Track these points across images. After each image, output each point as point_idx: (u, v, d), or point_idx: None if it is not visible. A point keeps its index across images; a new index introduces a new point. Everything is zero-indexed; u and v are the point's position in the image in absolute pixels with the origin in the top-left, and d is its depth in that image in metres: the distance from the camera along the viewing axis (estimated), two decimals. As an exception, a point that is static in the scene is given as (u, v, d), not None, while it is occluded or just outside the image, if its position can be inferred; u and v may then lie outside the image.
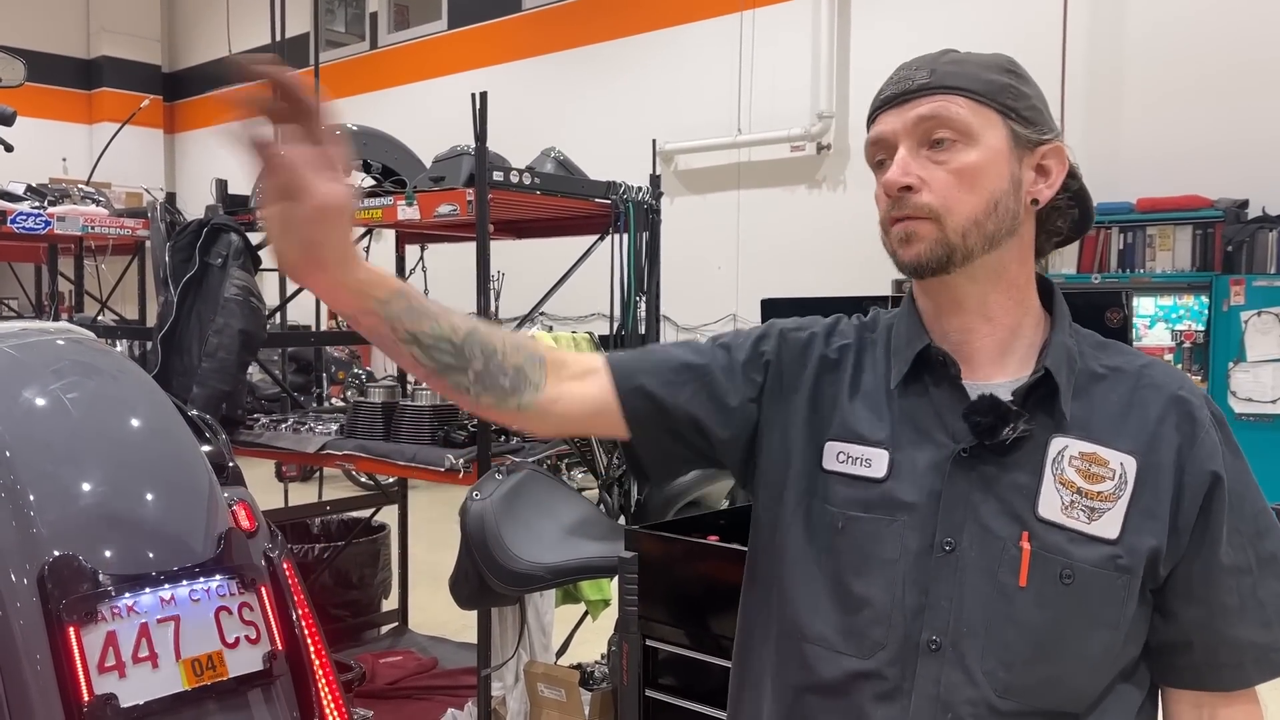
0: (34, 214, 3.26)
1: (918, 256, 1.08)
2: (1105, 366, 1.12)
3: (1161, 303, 5.63)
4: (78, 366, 1.14)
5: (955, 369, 1.11)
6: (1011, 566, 1.05)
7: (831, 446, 1.14)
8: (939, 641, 1.05)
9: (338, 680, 1.15)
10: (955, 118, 1.07)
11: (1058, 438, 1.08)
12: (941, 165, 1.07)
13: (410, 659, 3.43)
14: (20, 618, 0.95)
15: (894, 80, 1.12)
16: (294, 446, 3.01)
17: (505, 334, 1.14)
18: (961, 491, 1.07)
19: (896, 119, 1.09)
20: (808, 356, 1.20)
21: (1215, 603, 1.08)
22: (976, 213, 1.07)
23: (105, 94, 11.70)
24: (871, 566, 1.09)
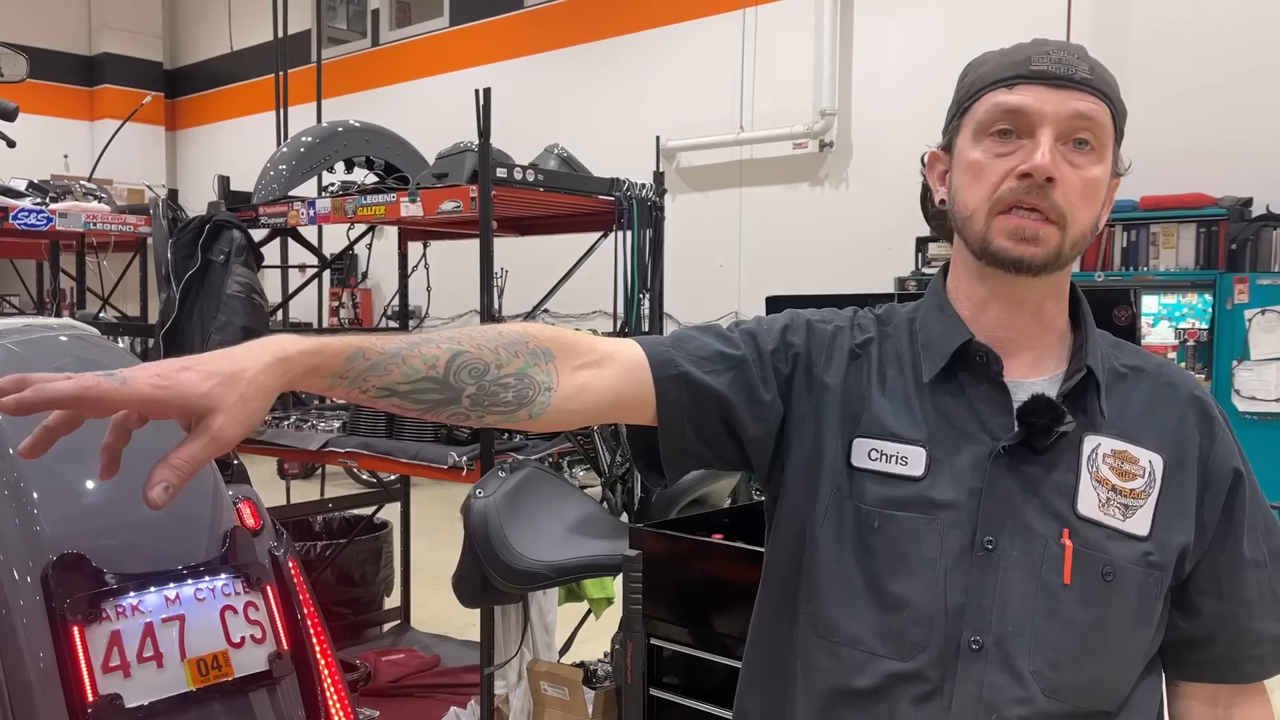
0: (36, 210, 3.25)
1: (1032, 257, 1.04)
2: (1126, 366, 1.13)
3: (1165, 301, 5.61)
4: (81, 363, 1.13)
5: (998, 366, 1.09)
6: (1054, 564, 1.04)
7: (861, 443, 1.11)
8: (981, 641, 1.04)
9: (343, 680, 1.15)
10: (1104, 126, 1.05)
11: (1090, 435, 1.07)
12: (1077, 169, 1.04)
13: (413, 657, 3.43)
14: (24, 617, 0.94)
15: (1051, 57, 1.05)
16: (296, 444, 3.01)
17: (498, 340, 1.02)
18: (1003, 490, 1.06)
19: (1049, 100, 1.03)
20: (835, 348, 1.15)
21: (1239, 597, 1.09)
22: (1086, 227, 1.06)
23: (107, 91, 11.68)
24: (910, 566, 1.07)
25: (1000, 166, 1.04)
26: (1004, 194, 1.04)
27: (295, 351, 0.88)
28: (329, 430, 3.04)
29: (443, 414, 1.00)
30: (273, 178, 3.15)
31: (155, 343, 3.09)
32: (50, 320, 1.23)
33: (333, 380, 0.93)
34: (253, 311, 2.98)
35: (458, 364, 0.98)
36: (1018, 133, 1.05)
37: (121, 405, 0.81)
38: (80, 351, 1.17)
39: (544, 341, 1.04)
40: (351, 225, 3.39)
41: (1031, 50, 1.06)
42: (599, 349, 1.08)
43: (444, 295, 4.00)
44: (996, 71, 1.07)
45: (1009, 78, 1.05)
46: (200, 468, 0.82)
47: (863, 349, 1.16)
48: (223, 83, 11.52)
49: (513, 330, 1.04)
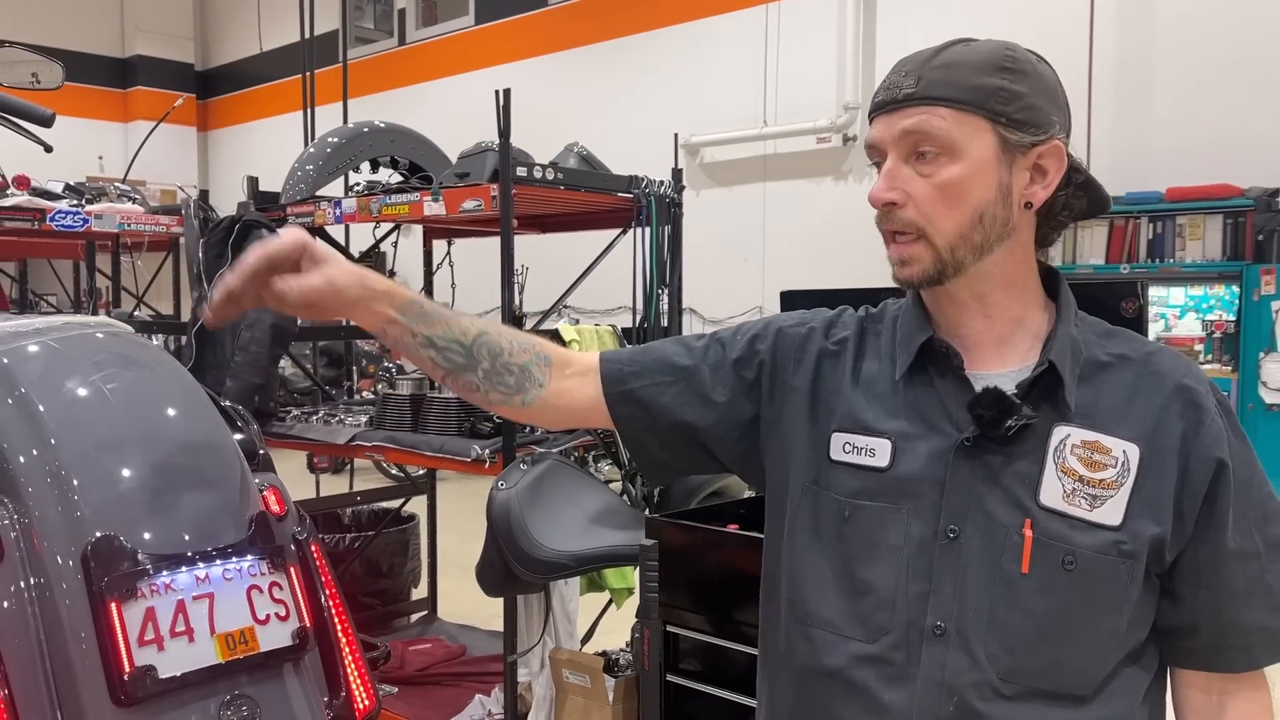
0: (72, 212, 3.34)
1: (912, 277, 1.12)
2: (1110, 354, 1.14)
3: (1192, 293, 5.58)
4: (117, 359, 1.19)
5: (958, 360, 1.13)
6: (1014, 554, 1.07)
7: (838, 438, 1.17)
8: (943, 627, 1.08)
9: (364, 657, 1.21)
10: (937, 132, 1.07)
11: (1060, 426, 1.10)
12: (926, 179, 1.09)
13: (439, 646, 3.49)
14: (66, 596, 1.01)
15: (885, 84, 1.12)
16: (324, 438, 3.08)
17: (515, 336, 1.22)
18: (965, 480, 1.10)
19: (885, 128, 1.11)
20: (806, 351, 1.23)
21: (1222, 587, 1.10)
22: (961, 227, 1.09)
23: (140, 93, 11.87)
24: (877, 553, 1.12)
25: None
26: (878, 223, 1.14)
27: (378, 276, 1.14)
28: (356, 425, 3.10)
29: (460, 380, 1.19)
30: (300, 178, 3.22)
31: (188, 340, 3.17)
32: (88, 319, 1.30)
33: (396, 314, 1.14)
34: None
35: (482, 340, 1.19)
36: (882, 162, 1.13)
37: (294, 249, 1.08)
38: (117, 348, 1.23)
39: (547, 349, 1.24)
40: (377, 224, 3.45)
41: (880, 83, 1.14)
42: (585, 363, 1.25)
43: (468, 292, 4.07)
44: (868, 113, 1.17)
45: (870, 117, 1.15)
46: (314, 295, 1.08)
47: (840, 346, 1.22)
48: (253, 83, 11.67)
49: (527, 334, 1.25)
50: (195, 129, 12.36)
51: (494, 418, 2.83)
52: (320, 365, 6.50)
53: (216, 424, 1.20)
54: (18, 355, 1.14)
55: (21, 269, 4.81)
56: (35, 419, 1.08)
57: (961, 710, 1.07)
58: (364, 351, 7.86)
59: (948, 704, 1.07)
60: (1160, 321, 5.69)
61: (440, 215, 2.81)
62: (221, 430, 1.20)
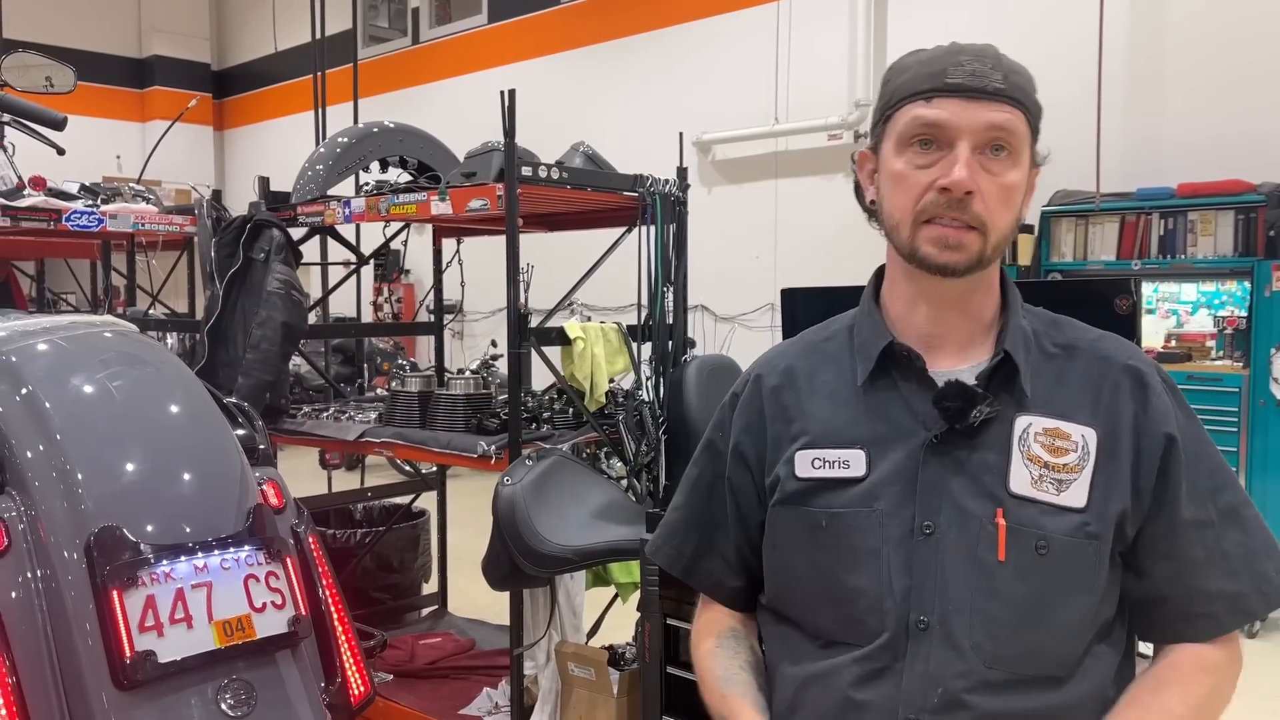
0: (87, 212, 3.39)
1: (956, 264, 1.11)
2: (1058, 345, 1.18)
3: (1204, 289, 5.57)
4: (122, 357, 1.24)
5: (920, 361, 1.17)
6: (989, 543, 1.10)
7: (804, 455, 1.20)
8: (927, 621, 1.11)
9: (359, 645, 1.25)
10: (1019, 133, 1.10)
11: (1021, 416, 1.13)
12: (994, 177, 1.09)
13: (449, 640, 3.53)
14: (70, 584, 1.05)
15: (965, 69, 1.09)
16: (334, 434, 3.12)
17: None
18: (935, 476, 1.13)
19: (964, 113, 1.08)
20: (758, 399, 1.28)
21: (1182, 557, 1.13)
22: (1008, 230, 1.12)
23: (157, 92, 11.97)
24: (859, 558, 1.15)
25: (922, 178, 1.10)
26: (926, 206, 1.11)
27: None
28: (366, 421, 3.14)
29: None
30: (310, 178, 3.26)
31: (201, 337, 3.21)
32: (93, 318, 1.34)
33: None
34: (292, 307, 3.09)
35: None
36: (937, 144, 1.10)
37: None
38: (122, 347, 1.28)
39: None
40: (387, 223, 3.50)
41: (947, 62, 1.11)
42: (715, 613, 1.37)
43: (479, 290, 4.11)
44: (915, 83, 1.12)
45: (926, 90, 1.10)
46: None
47: (784, 377, 1.26)
48: (268, 83, 11.75)
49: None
50: (212, 128, 12.45)
51: (501, 414, 2.87)
52: (335, 363, 6.55)
53: (217, 420, 1.24)
54: (26, 354, 1.19)
55: (39, 268, 4.88)
56: (41, 415, 1.12)
57: (945, 701, 1.09)
58: (379, 349, 7.92)
59: (932, 695, 1.10)
60: (1172, 318, 5.68)
61: (447, 215, 2.84)
62: (222, 426, 1.24)
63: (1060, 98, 5.95)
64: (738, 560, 1.32)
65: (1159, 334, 5.63)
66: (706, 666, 1.27)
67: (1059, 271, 5.64)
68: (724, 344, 7.41)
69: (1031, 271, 5.69)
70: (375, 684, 1.26)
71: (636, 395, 2.94)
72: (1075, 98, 5.54)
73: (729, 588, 1.33)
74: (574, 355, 2.84)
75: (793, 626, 1.22)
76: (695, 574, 1.35)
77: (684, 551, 1.35)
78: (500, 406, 2.93)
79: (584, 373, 2.85)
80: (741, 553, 1.31)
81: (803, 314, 1.90)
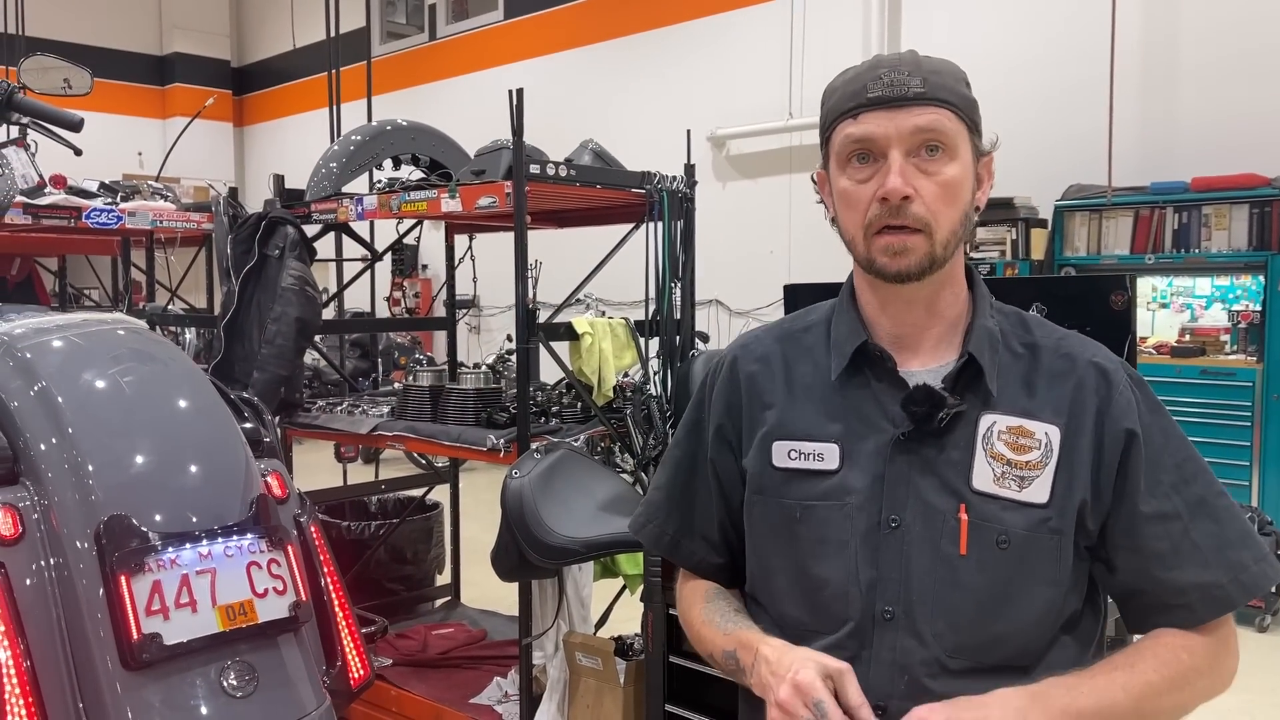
0: (107, 210, 3.46)
1: (907, 269, 1.14)
2: (1025, 344, 1.21)
3: (1218, 283, 5.55)
4: (133, 354, 1.28)
5: (891, 362, 1.20)
6: (952, 537, 1.13)
7: (781, 445, 1.24)
8: (892, 611, 1.15)
9: (359, 630, 1.29)
10: (947, 131, 1.13)
11: (986, 415, 1.16)
12: (930, 177, 1.12)
13: (461, 631, 3.58)
14: (80, 570, 1.10)
15: (883, 81, 1.13)
16: (347, 428, 3.17)
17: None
18: (902, 472, 1.16)
19: (889, 123, 1.12)
20: (735, 382, 1.31)
21: (1146, 550, 1.15)
22: (954, 225, 1.15)
23: (177, 89, 12.08)
24: (828, 549, 1.18)
25: (864, 193, 1.15)
26: (872, 219, 1.15)
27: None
28: (379, 415, 3.19)
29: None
30: (324, 175, 3.31)
31: (217, 332, 3.27)
32: (104, 315, 1.39)
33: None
34: (306, 303, 3.14)
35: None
36: (872, 156, 1.14)
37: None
38: (133, 343, 1.32)
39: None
40: (399, 220, 3.54)
41: (867, 77, 1.15)
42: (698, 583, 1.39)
43: (495, 284, 4.15)
44: (841, 103, 1.16)
45: (851, 108, 1.15)
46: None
47: (761, 364, 1.29)
48: (286, 79, 11.84)
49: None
50: (231, 125, 12.56)
51: (510, 408, 2.91)
52: (352, 357, 6.63)
53: (223, 414, 1.29)
54: (40, 350, 1.24)
55: (61, 264, 4.96)
56: (54, 409, 1.17)
57: (912, 687, 1.13)
58: (396, 343, 7.99)
59: (899, 682, 1.14)
60: (1186, 312, 5.67)
61: (457, 211, 2.89)
62: (228, 420, 1.28)
63: (1073, 91, 5.96)
64: (720, 540, 1.35)
65: (1172, 328, 5.61)
66: (702, 623, 1.29)
67: (1072, 266, 5.64)
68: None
69: (1045, 266, 5.69)
70: (374, 668, 1.30)
71: (644, 390, 2.98)
72: (1088, 90, 5.53)
73: (711, 564, 1.36)
74: (582, 350, 2.88)
75: (768, 615, 1.26)
76: (679, 552, 1.38)
77: (666, 530, 1.38)
78: (510, 401, 2.98)
79: (592, 367, 2.89)
80: (725, 532, 1.34)
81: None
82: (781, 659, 1.10)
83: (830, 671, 1.06)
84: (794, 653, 1.11)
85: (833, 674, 1.06)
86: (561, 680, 2.78)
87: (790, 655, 1.10)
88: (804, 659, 1.08)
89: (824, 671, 1.06)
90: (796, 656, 1.09)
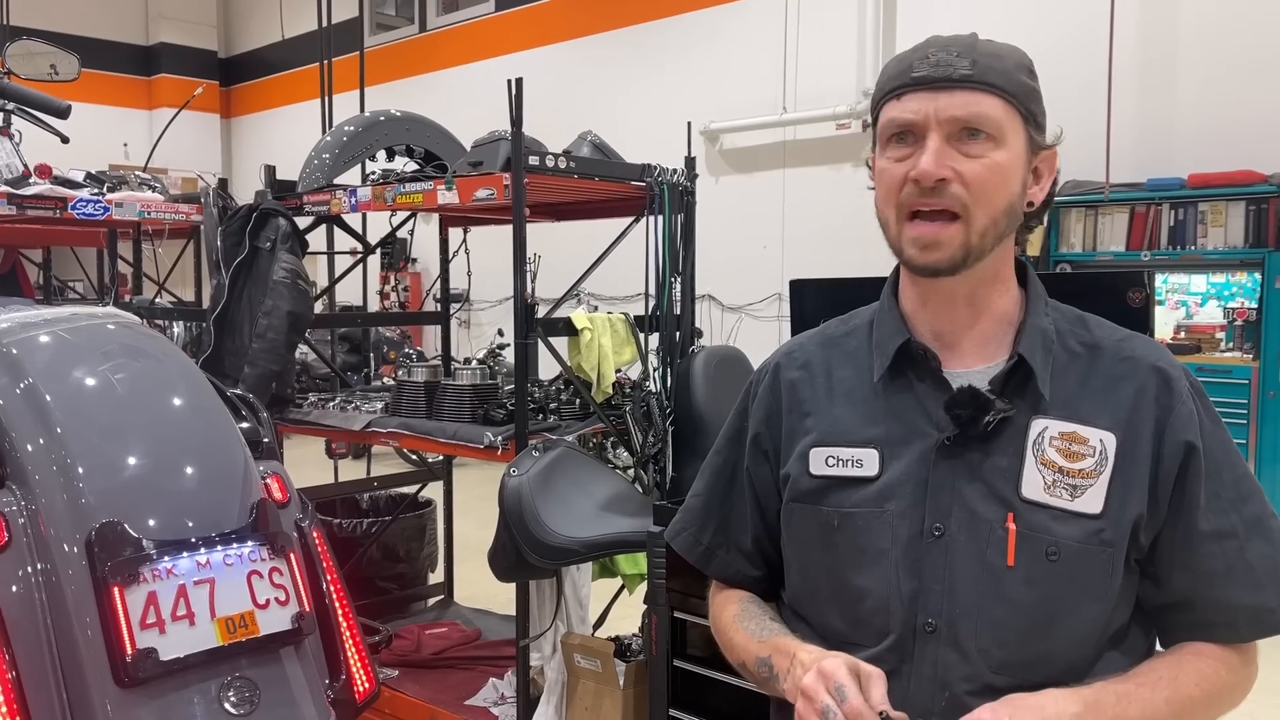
0: (93, 200, 3.38)
1: (937, 263, 1.09)
2: (1083, 344, 1.15)
3: (1214, 280, 5.54)
4: (125, 349, 1.22)
5: (935, 362, 1.14)
6: (999, 547, 1.08)
7: (818, 452, 1.19)
8: (934, 624, 1.10)
9: (364, 641, 1.24)
10: (992, 117, 1.08)
11: (1038, 419, 1.11)
12: (975, 159, 1.07)
13: (455, 630, 3.53)
14: (71, 582, 1.04)
15: (930, 60, 1.09)
16: (340, 424, 3.11)
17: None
18: (946, 478, 1.11)
19: (931, 104, 1.08)
20: (756, 398, 1.28)
21: (1200, 569, 1.11)
22: (995, 214, 1.09)
23: (164, 80, 11.95)
24: (867, 558, 1.13)
25: (898, 172, 1.10)
26: (904, 199, 1.10)
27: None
28: (372, 411, 3.13)
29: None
30: (316, 166, 3.25)
31: (207, 326, 3.21)
32: (95, 309, 1.33)
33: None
34: (298, 296, 3.08)
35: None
36: (913, 137, 1.10)
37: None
38: (125, 339, 1.26)
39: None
40: (393, 212, 3.48)
41: (914, 56, 1.10)
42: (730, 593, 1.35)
43: (487, 278, 4.09)
44: (888, 82, 1.12)
45: (896, 88, 1.11)
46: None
47: (804, 370, 1.25)
48: (274, 70, 11.73)
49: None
50: (219, 116, 12.43)
51: (508, 404, 2.85)
52: (341, 352, 6.55)
53: (220, 414, 1.23)
54: (27, 346, 1.17)
55: (46, 256, 4.88)
56: (42, 408, 1.11)
57: (952, 705, 1.08)
58: (386, 338, 7.92)
59: (940, 699, 1.09)
60: (1181, 309, 5.65)
61: (454, 204, 2.83)
62: (225, 420, 1.22)
63: (1071, 87, 5.92)
64: (756, 551, 1.30)
65: (1168, 325, 5.60)
66: (735, 629, 1.25)
67: (1068, 262, 5.61)
68: (731, 334, 7.39)
69: (1040, 262, 5.66)
70: (380, 680, 1.25)
71: (644, 386, 2.93)
72: (1086, 87, 5.50)
73: (747, 577, 1.32)
74: (581, 346, 2.83)
75: (808, 626, 1.21)
76: (713, 563, 1.34)
77: (701, 540, 1.34)
78: (507, 397, 2.92)
79: (591, 363, 2.83)
80: (760, 544, 1.30)
81: (811, 306, 1.88)
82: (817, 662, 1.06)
83: (861, 671, 1.02)
84: (830, 656, 1.07)
85: (862, 674, 1.02)
86: (559, 682, 2.73)
87: (825, 658, 1.06)
88: (836, 656, 1.05)
89: (854, 668, 1.02)
90: (830, 656, 1.06)
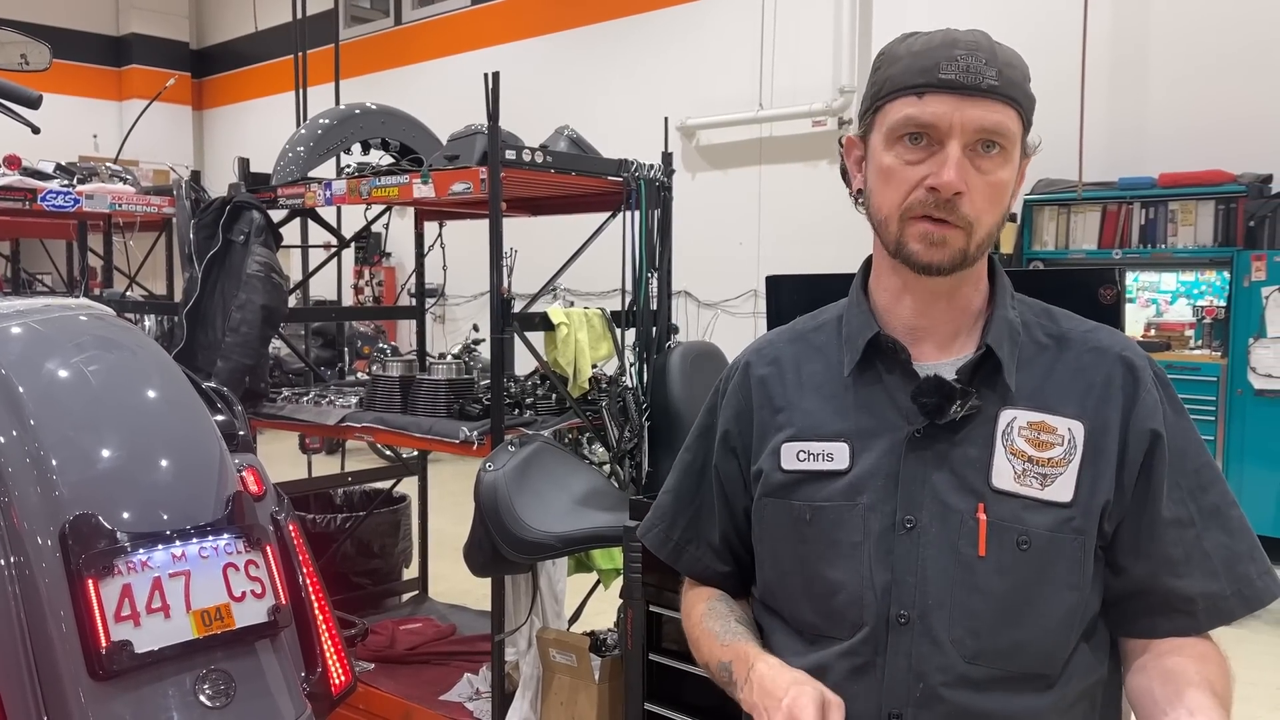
0: (63, 192, 3.35)
1: (940, 261, 1.09)
2: (1050, 335, 1.16)
3: (1183, 279, 5.61)
4: (98, 341, 1.21)
5: (905, 354, 1.15)
6: (970, 538, 1.09)
7: (789, 447, 1.19)
8: (907, 615, 1.10)
9: (340, 634, 1.23)
10: (1011, 133, 1.08)
11: (1006, 410, 1.12)
12: (984, 175, 1.07)
13: (429, 626, 3.52)
14: (44, 572, 1.03)
15: (959, 64, 1.06)
16: (314, 419, 3.09)
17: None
18: (917, 470, 1.12)
19: (956, 112, 1.05)
20: (727, 395, 1.29)
21: (1160, 556, 1.12)
22: (993, 227, 1.10)
23: (135, 71, 11.83)
24: (840, 552, 1.14)
25: (911, 175, 1.08)
26: (913, 204, 1.08)
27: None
28: (346, 406, 3.12)
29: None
30: (291, 159, 3.22)
31: (179, 320, 3.18)
32: (68, 300, 1.32)
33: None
34: (272, 290, 3.05)
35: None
36: (928, 139, 1.07)
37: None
38: (98, 330, 1.25)
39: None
40: (368, 206, 3.46)
41: (941, 55, 1.07)
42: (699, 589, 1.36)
43: (462, 273, 4.08)
44: (907, 76, 1.09)
45: (919, 85, 1.07)
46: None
47: (773, 365, 1.26)
48: (247, 63, 11.63)
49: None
50: (190, 108, 12.32)
51: (483, 399, 2.85)
52: (315, 346, 6.51)
53: (196, 406, 1.22)
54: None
55: (14, 248, 4.82)
56: (14, 400, 1.09)
57: (927, 696, 1.09)
58: (359, 333, 7.88)
59: (914, 690, 1.09)
60: (1151, 307, 5.72)
61: (430, 198, 2.81)
62: (201, 412, 1.21)
63: (1043, 87, 5.92)
64: (724, 547, 1.31)
65: (1139, 323, 5.66)
66: (701, 630, 1.25)
67: (1040, 260, 5.67)
68: (707, 330, 7.41)
69: (1013, 260, 5.71)
70: (356, 674, 1.24)
71: (620, 381, 2.93)
72: (1058, 87, 5.55)
73: (716, 573, 1.33)
74: (557, 341, 2.82)
75: (781, 621, 1.21)
76: (683, 559, 1.35)
77: (671, 536, 1.35)
78: (483, 392, 2.91)
79: (567, 358, 2.83)
80: (729, 540, 1.31)
81: (788, 302, 1.89)
82: (777, 680, 1.06)
83: (827, 702, 1.02)
84: (787, 674, 1.07)
85: (828, 705, 1.01)
86: (535, 677, 2.73)
87: (784, 677, 1.06)
88: (800, 685, 1.03)
89: (821, 701, 1.01)
90: (791, 679, 1.05)
